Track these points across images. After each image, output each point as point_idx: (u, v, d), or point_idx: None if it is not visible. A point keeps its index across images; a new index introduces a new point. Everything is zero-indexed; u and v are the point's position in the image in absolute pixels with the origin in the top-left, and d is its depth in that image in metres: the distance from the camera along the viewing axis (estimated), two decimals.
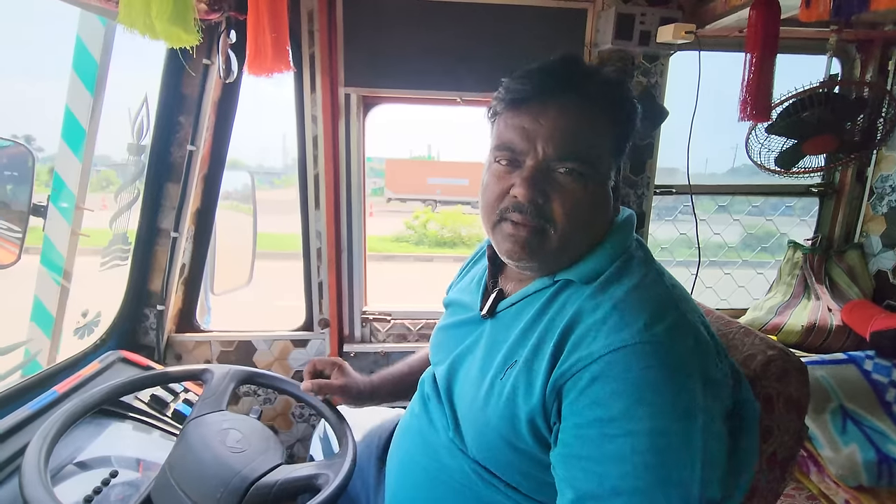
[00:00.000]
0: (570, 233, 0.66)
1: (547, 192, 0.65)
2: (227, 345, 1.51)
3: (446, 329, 0.85)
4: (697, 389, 0.55)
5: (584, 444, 0.56)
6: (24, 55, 22.46)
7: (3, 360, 1.38)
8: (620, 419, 0.53)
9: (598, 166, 0.65)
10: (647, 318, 0.57)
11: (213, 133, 1.41)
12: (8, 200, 1.33)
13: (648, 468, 0.52)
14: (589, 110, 0.65)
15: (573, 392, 0.58)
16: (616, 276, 0.65)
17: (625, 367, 0.55)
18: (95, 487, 0.91)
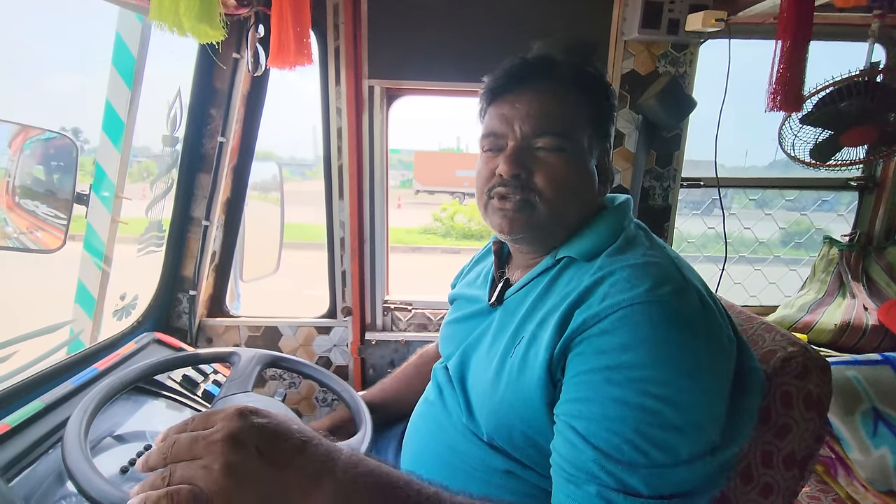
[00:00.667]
0: (556, 202, 0.70)
1: (529, 167, 0.70)
2: (255, 330, 1.57)
3: (455, 322, 0.87)
4: (702, 349, 0.56)
5: (586, 388, 0.57)
6: (72, 51, 23.46)
7: (51, 337, 1.47)
8: (626, 367, 0.55)
9: (576, 143, 0.71)
10: (652, 282, 0.59)
11: (243, 125, 1.45)
12: (55, 189, 1.41)
13: (648, 412, 0.53)
14: (562, 92, 0.71)
15: (579, 346, 0.60)
16: (620, 250, 0.68)
17: (632, 322, 0.56)
18: (131, 459, 0.97)
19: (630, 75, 1.41)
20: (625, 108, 1.43)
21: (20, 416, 0.88)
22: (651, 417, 0.53)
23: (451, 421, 0.77)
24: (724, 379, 0.60)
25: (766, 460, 0.74)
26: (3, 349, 1.42)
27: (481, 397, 0.72)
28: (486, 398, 0.71)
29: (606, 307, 0.59)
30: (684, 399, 0.54)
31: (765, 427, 0.74)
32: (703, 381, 0.55)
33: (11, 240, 1.41)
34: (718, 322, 0.61)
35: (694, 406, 0.54)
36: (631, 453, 0.53)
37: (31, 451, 0.86)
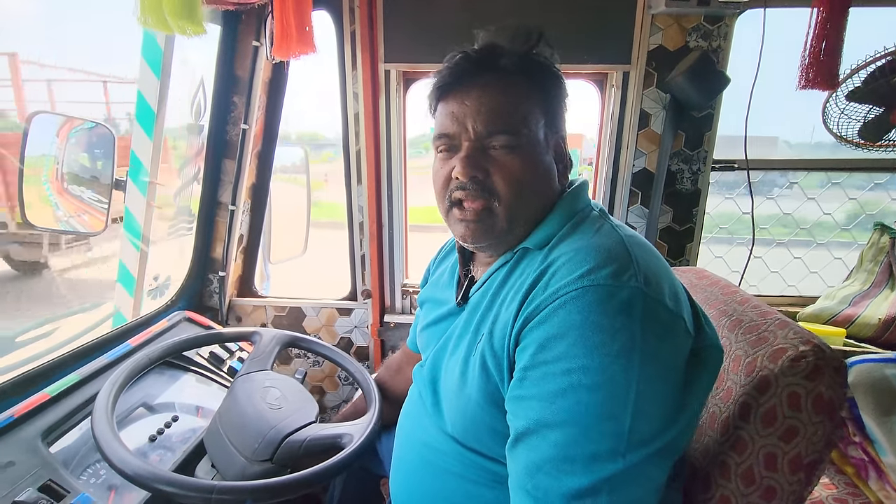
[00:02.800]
0: (515, 204, 0.68)
1: (486, 168, 0.68)
2: (280, 310, 1.64)
3: (427, 328, 0.87)
4: (636, 330, 0.55)
5: (527, 385, 0.58)
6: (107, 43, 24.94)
7: (98, 312, 1.60)
8: (561, 359, 0.55)
9: (531, 137, 0.68)
10: (591, 265, 0.58)
11: (265, 112, 1.49)
12: (98, 175, 1.51)
13: (582, 404, 0.54)
14: (509, 84, 0.69)
15: (524, 340, 0.60)
16: (567, 234, 0.68)
17: (566, 311, 0.56)
18: (159, 428, 1.05)
19: (657, 51, 1.33)
20: (651, 86, 1.36)
21: (59, 386, 0.97)
22: (586, 409, 0.54)
23: (430, 422, 0.79)
24: (669, 357, 0.58)
25: (769, 463, 0.71)
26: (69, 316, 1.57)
27: (450, 399, 0.73)
28: (454, 399, 0.72)
29: (546, 297, 0.59)
30: (618, 384, 0.54)
31: (769, 428, 0.70)
32: (638, 364, 0.54)
33: (62, 223, 1.53)
34: (663, 300, 0.59)
35: (627, 390, 0.54)
36: (569, 448, 0.54)
37: (68, 418, 0.94)
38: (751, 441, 0.72)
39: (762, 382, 0.71)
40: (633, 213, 1.45)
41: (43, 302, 3.41)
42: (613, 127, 1.40)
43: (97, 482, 0.89)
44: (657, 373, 0.56)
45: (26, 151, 1.31)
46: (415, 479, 0.81)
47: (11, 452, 0.83)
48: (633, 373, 0.54)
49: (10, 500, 0.75)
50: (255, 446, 0.90)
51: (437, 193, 0.74)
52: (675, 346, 0.59)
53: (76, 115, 1.41)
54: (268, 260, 1.78)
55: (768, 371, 0.71)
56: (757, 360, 0.74)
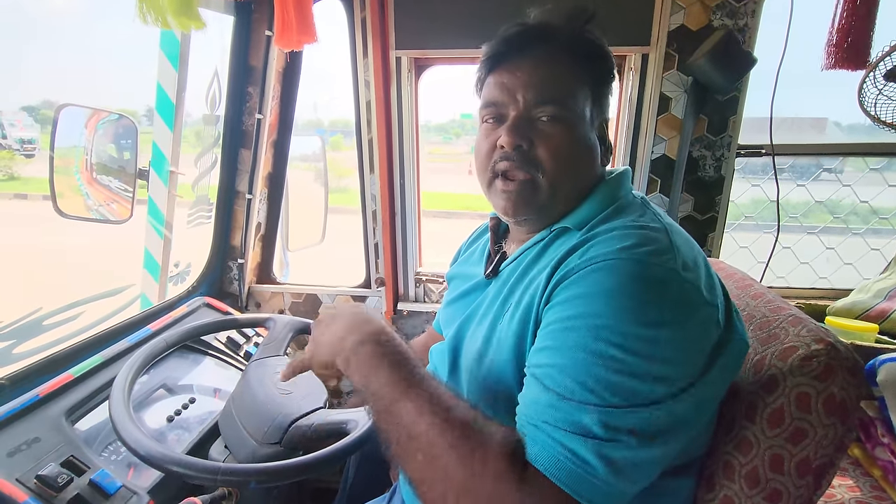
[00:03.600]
0: (559, 177, 0.69)
1: (532, 138, 0.68)
2: (297, 297, 1.67)
3: (454, 301, 0.88)
4: (667, 308, 0.55)
5: (549, 337, 0.58)
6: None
7: (124, 296, 1.68)
8: (585, 315, 0.55)
9: (578, 112, 0.68)
10: (633, 241, 0.58)
11: (280, 101, 1.50)
12: (124, 165, 1.56)
13: (602, 357, 0.53)
14: (563, 58, 0.69)
15: (553, 300, 0.60)
16: (609, 217, 0.67)
17: (599, 275, 0.56)
18: (176, 409, 1.09)
19: (678, 31, 1.26)
20: (672, 69, 1.29)
21: (82, 367, 1.02)
22: (605, 362, 0.53)
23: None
24: (696, 340, 0.57)
25: (775, 465, 0.68)
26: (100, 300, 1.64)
27: (469, 368, 0.73)
28: (473, 368, 0.72)
29: (582, 262, 0.59)
30: (641, 349, 0.53)
31: (776, 429, 0.67)
32: (664, 334, 0.54)
33: (93, 211, 1.60)
34: (698, 286, 0.58)
35: (652, 356, 0.53)
36: (583, 394, 0.53)
37: (91, 398, 0.99)
38: (756, 442, 0.69)
39: (770, 381, 0.68)
40: (652, 201, 1.40)
41: None
42: (631, 112, 1.34)
43: (117, 459, 0.94)
44: (681, 350, 0.55)
45: (55, 142, 1.38)
46: None
47: (37, 429, 0.88)
48: (658, 346, 0.53)
49: (35, 473, 0.79)
50: (264, 430, 0.93)
51: (480, 164, 0.74)
52: (702, 331, 0.58)
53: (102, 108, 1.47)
54: (286, 248, 1.82)
55: (776, 370, 0.68)
56: (766, 358, 0.71)
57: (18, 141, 14.91)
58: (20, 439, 0.85)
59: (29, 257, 5.61)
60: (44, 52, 56.04)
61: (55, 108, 1.35)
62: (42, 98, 10.68)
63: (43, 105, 15.78)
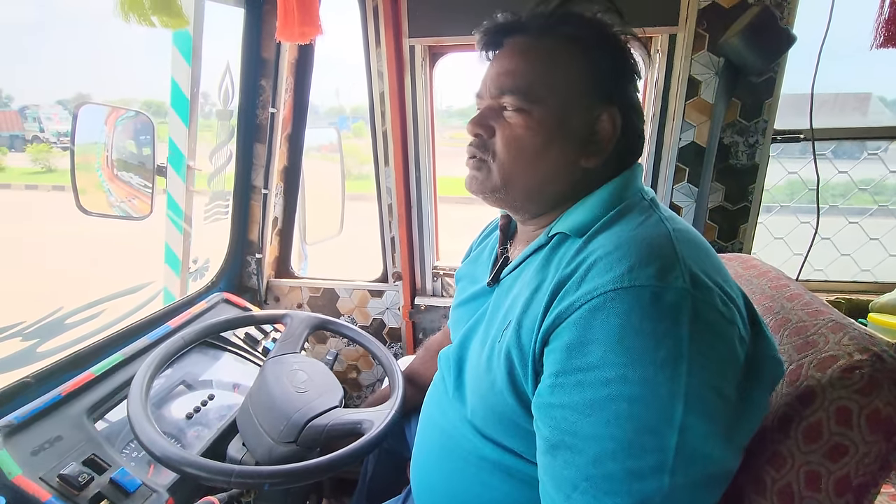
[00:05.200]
0: (509, 165, 0.67)
1: (493, 128, 0.68)
2: (315, 291, 1.67)
3: (460, 306, 0.86)
4: (683, 337, 0.49)
5: (559, 393, 0.54)
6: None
7: (148, 291, 1.71)
8: (597, 367, 0.51)
9: (549, 103, 0.64)
10: (633, 261, 0.53)
11: (293, 94, 1.48)
12: (143, 160, 1.58)
13: (622, 416, 0.49)
14: (534, 47, 0.66)
15: (554, 342, 0.56)
16: (609, 223, 0.63)
17: (605, 313, 0.51)
18: (196, 406, 1.10)
19: (710, 10, 1.18)
20: (701, 50, 1.21)
21: (103, 366, 1.03)
22: (625, 422, 0.49)
23: (451, 407, 0.77)
24: (721, 367, 0.52)
25: (811, 482, 0.63)
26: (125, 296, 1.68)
27: (474, 384, 0.70)
28: (477, 383, 0.69)
29: (581, 296, 0.54)
30: (662, 396, 0.48)
31: (813, 445, 0.62)
32: (685, 374, 0.49)
33: (115, 208, 1.62)
34: (712, 301, 0.52)
35: (673, 403, 0.48)
36: (607, 464, 0.49)
37: (111, 396, 1.01)
38: (790, 457, 0.64)
39: (806, 394, 0.63)
40: (680, 191, 1.33)
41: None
42: (658, 97, 1.27)
43: (138, 456, 0.95)
44: (707, 384, 0.50)
45: (76, 139, 1.39)
46: (432, 466, 0.80)
47: (59, 428, 0.90)
48: (680, 384, 0.48)
49: (57, 472, 0.81)
50: (280, 428, 0.93)
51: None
52: (727, 355, 0.53)
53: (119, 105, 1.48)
54: (304, 241, 1.82)
55: (814, 381, 0.63)
56: (802, 368, 0.66)
57: (55, 134, 15.47)
58: (43, 438, 0.86)
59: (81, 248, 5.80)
60: (77, 47, 57.55)
61: (74, 106, 1.36)
62: (76, 91, 11.05)
63: (77, 98, 16.28)
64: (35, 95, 42.24)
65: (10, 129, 16.28)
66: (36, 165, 12.95)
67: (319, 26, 1.05)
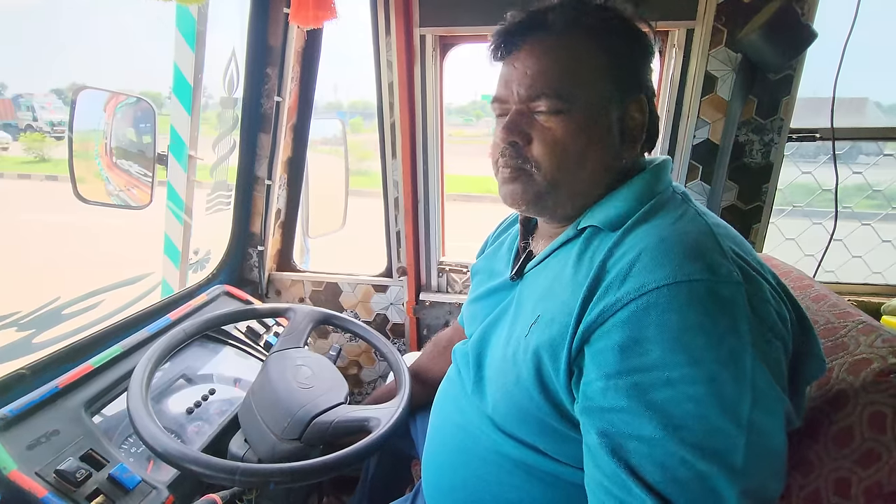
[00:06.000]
0: (555, 171, 0.64)
1: (528, 133, 0.64)
2: (318, 285, 1.64)
3: (478, 299, 0.83)
4: (744, 331, 0.48)
5: (615, 395, 0.51)
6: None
7: (146, 283, 1.68)
8: (657, 367, 0.49)
9: (582, 101, 0.63)
10: (682, 256, 0.51)
11: (299, 83, 1.45)
12: (143, 149, 1.54)
13: (689, 417, 0.47)
14: (560, 43, 0.63)
15: (601, 341, 0.53)
16: (646, 217, 0.61)
17: (659, 309, 0.49)
18: (196, 401, 1.07)
19: (728, 4, 1.15)
20: (719, 45, 1.19)
21: (101, 358, 1.00)
22: (692, 423, 0.47)
23: (469, 403, 0.75)
24: (777, 363, 0.51)
25: (840, 488, 0.61)
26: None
27: (495, 379, 0.68)
28: (499, 379, 0.67)
29: (627, 292, 0.52)
30: (729, 394, 0.46)
31: (843, 450, 0.61)
32: (750, 370, 0.47)
33: (114, 196, 1.58)
34: (764, 295, 0.52)
35: (740, 402, 0.47)
36: (676, 469, 0.47)
37: (110, 389, 0.98)
38: (819, 462, 0.62)
39: (838, 397, 0.61)
40: (692, 189, 1.31)
41: None
42: (672, 93, 1.25)
43: (137, 452, 0.93)
44: (769, 380, 0.49)
45: (74, 126, 1.35)
46: (447, 465, 0.78)
47: (56, 421, 0.86)
48: (746, 381, 0.47)
49: (54, 467, 0.78)
50: (284, 425, 0.90)
51: (491, 159, 0.72)
52: (781, 348, 0.52)
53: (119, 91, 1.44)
54: (306, 234, 1.78)
55: (846, 385, 0.61)
56: (833, 371, 0.64)
57: (49, 123, 15.29)
58: (40, 431, 0.83)
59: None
60: (73, 35, 57.09)
61: (73, 91, 1.32)
62: (70, 81, 10.94)
63: (71, 87, 16.12)
64: (29, 84, 41.93)
65: (2, 117, 16.11)
66: (29, 154, 12.79)
67: (334, 10, 1.02)
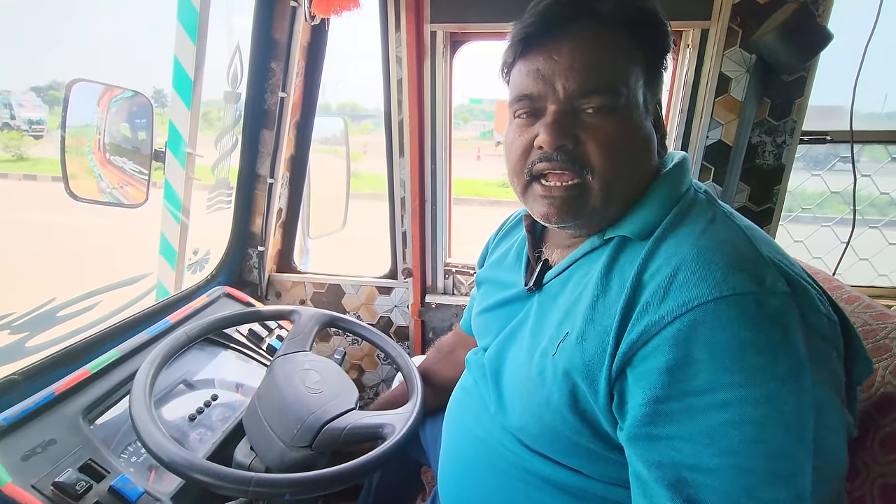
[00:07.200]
0: (613, 177, 0.58)
1: (577, 135, 0.58)
2: (320, 287, 1.59)
3: (490, 310, 0.78)
4: (799, 344, 0.45)
5: (665, 422, 0.48)
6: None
7: (141, 285, 1.61)
8: (710, 390, 0.45)
9: (630, 98, 0.58)
10: (724, 268, 0.48)
11: (304, 79, 1.41)
12: (138, 145, 1.48)
13: (749, 441, 0.44)
14: (608, 34, 0.58)
15: (646, 363, 0.49)
16: (675, 224, 0.57)
17: (707, 327, 0.46)
18: (199, 407, 1.02)
19: (743, 5, 1.15)
20: (734, 46, 1.18)
21: (99, 363, 0.95)
22: (754, 447, 0.43)
23: (489, 418, 0.71)
24: (834, 372, 0.48)
25: (887, 495, 0.59)
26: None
27: (520, 396, 0.64)
28: (525, 398, 0.63)
29: (670, 310, 0.48)
30: (790, 414, 0.43)
31: (891, 455, 0.59)
32: (810, 386, 0.44)
33: (106, 194, 1.52)
34: (813, 301, 0.48)
35: (803, 420, 0.43)
36: (740, 499, 0.44)
37: (109, 395, 0.93)
38: (865, 468, 0.61)
39: (885, 401, 0.60)
40: None
41: None
42: (686, 93, 1.24)
43: (138, 461, 0.88)
44: (829, 392, 0.46)
45: (67, 120, 1.29)
46: (468, 476, 0.74)
47: (53, 430, 0.81)
48: (806, 397, 0.44)
49: (52, 479, 0.73)
50: (293, 432, 0.86)
51: (513, 167, 0.64)
52: (836, 356, 0.49)
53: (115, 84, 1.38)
54: (307, 235, 1.74)
55: (893, 388, 0.60)
56: (877, 373, 0.62)
57: (27, 122, 14.90)
58: (35, 441, 0.78)
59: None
60: (54, 30, 56.03)
61: (66, 84, 1.27)
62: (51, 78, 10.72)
63: (51, 86, 15.74)
64: (6, 81, 40.87)
65: None
66: (6, 153, 12.45)
67: None
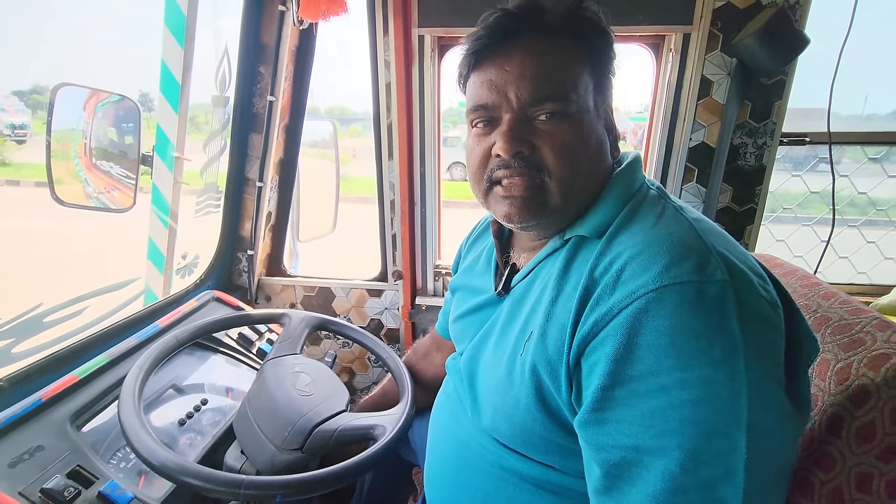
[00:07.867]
0: (571, 179, 0.60)
1: (532, 141, 0.60)
2: (310, 290, 1.59)
3: (463, 317, 0.81)
4: (735, 330, 0.47)
5: (612, 406, 0.50)
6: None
7: (129, 290, 1.60)
8: (651, 374, 0.48)
9: (582, 104, 0.60)
10: (669, 258, 0.50)
11: (293, 82, 1.41)
12: (125, 149, 1.47)
13: (686, 422, 0.46)
14: (556, 44, 0.60)
15: (595, 353, 0.52)
16: (627, 221, 0.59)
17: (650, 315, 0.48)
18: (188, 412, 1.02)
19: (724, 10, 1.18)
20: (715, 50, 1.21)
21: (87, 368, 0.94)
22: (691, 428, 0.46)
23: (468, 421, 0.73)
24: (773, 355, 0.50)
25: (862, 484, 0.61)
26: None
27: (492, 398, 0.66)
28: (497, 399, 0.65)
29: (618, 301, 0.50)
30: (724, 396, 0.45)
31: (865, 446, 0.61)
32: (744, 369, 0.46)
33: (93, 199, 1.51)
34: (753, 287, 0.50)
35: (737, 401, 0.46)
36: (678, 477, 0.46)
37: (97, 401, 0.92)
38: (841, 458, 0.62)
39: (859, 393, 0.62)
40: (688, 191, 1.33)
41: None
42: (669, 96, 1.26)
43: (127, 467, 0.87)
44: (765, 376, 0.48)
45: (52, 125, 1.28)
46: (451, 478, 0.76)
47: (40, 436, 0.81)
48: (741, 380, 0.46)
49: (39, 485, 0.73)
50: (284, 435, 0.86)
51: (473, 174, 0.66)
52: (776, 340, 0.51)
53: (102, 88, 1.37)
54: (296, 238, 1.74)
55: (867, 380, 0.61)
56: (851, 366, 0.64)
57: (9, 126, 14.65)
58: (22, 448, 0.78)
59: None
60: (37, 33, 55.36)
61: (52, 88, 1.26)
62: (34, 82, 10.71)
63: (34, 90, 15.49)
64: None
65: None
66: None
67: (345, 4, 0.99)
